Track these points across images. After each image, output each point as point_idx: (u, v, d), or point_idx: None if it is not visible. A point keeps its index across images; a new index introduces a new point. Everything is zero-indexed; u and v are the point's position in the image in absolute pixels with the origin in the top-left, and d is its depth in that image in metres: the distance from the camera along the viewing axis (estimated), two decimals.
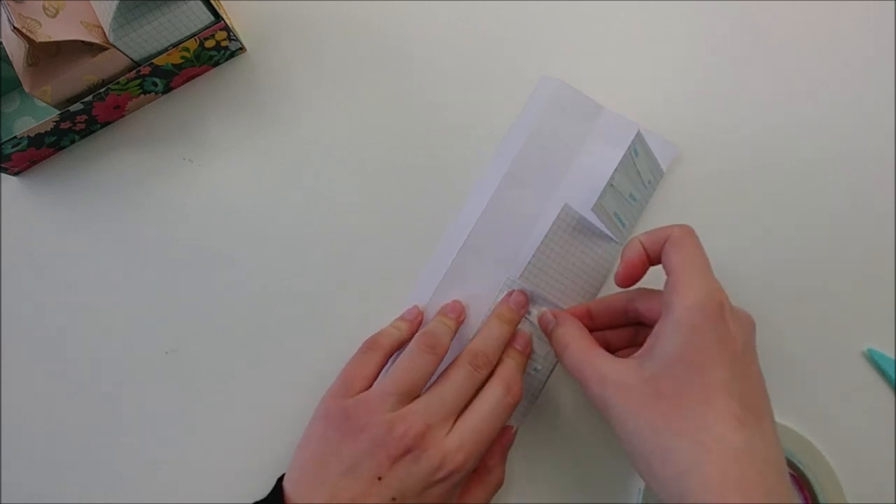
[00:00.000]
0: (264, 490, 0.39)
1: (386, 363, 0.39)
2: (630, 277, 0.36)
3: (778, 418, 0.40)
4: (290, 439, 0.41)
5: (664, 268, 0.35)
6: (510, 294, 0.41)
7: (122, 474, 0.42)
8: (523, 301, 0.41)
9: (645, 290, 0.38)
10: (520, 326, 0.41)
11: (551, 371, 0.41)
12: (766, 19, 0.46)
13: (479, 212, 0.43)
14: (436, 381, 0.37)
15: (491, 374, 0.38)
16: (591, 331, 0.38)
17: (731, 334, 0.31)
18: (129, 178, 0.45)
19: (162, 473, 0.42)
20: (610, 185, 0.39)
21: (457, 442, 0.35)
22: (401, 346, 0.40)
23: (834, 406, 0.41)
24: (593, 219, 0.41)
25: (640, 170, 0.42)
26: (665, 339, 0.32)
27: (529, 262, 0.40)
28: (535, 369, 0.41)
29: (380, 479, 0.34)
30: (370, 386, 0.37)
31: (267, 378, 0.42)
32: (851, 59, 0.46)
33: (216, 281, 0.44)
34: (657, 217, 0.44)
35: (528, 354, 0.40)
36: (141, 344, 0.43)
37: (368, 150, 0.45)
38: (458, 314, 0.41)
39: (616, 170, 0.39)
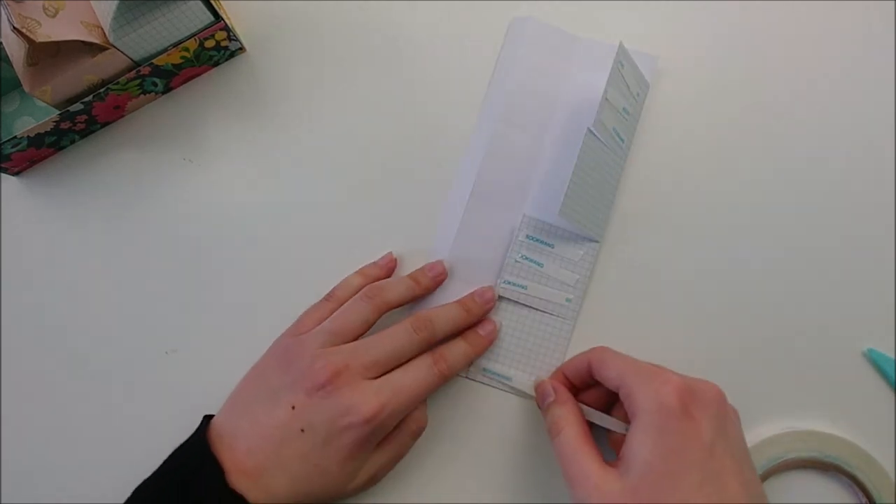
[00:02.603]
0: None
1: (375, 321, 0.39)
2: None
3: (778, 419, 0.41)
4: None
5: (608, 385, 0.36)
6: (479, 289, 0.41)
7: (122, 474, 0.42)
8: (490, 297, 0.41)
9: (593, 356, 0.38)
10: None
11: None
12: None
13: (480, 159, 0.43)
14: (373, 334, 0.38)
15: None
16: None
17: (697, 428, 0.32)
18: (129, 178, 0.45)
19: None
20: (605, 98, 0.40)
21: (372, 390, 0.35)
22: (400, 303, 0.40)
23: (833, 406, 0.41)
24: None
25: (627, 82, 0.42)
26: (636, 447, 0.32)
27: (566, 195, 0.39)
28: (568, 299, 0.42)
29: (293, 408, 0.36)
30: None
31: None
32: (850, 58, 0.46)
33: (216, 281, 0.44)
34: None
35: (481, 350, 0.40)
36: (141, 344, 0.43)
37: (369, 147, 0.45)
38: (435, 273, 0.41)
39: (607, 83, 0.40)
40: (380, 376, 0.36)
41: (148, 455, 0.42)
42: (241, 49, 0.47)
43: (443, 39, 0.47)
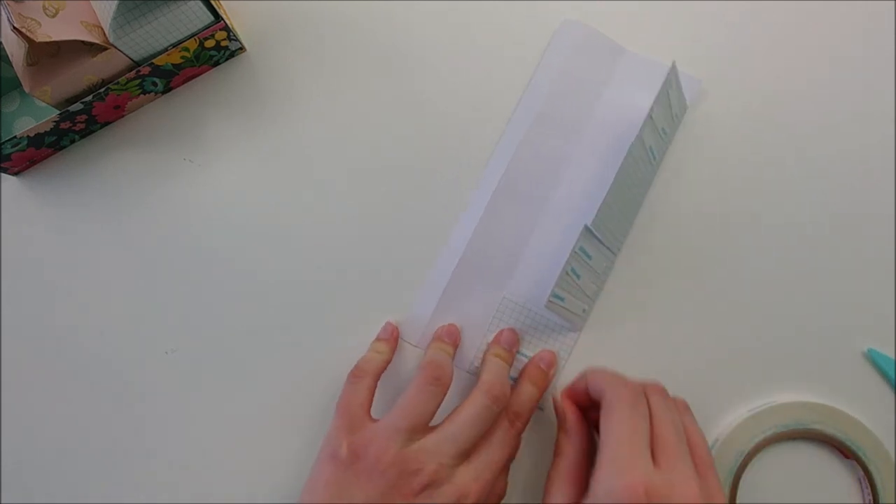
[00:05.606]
0: (264, 490, 0.39)
1: (376, 387, 0.39)
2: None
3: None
4: (288, 438, 0.41)
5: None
6: (501, 333, 0.41)
7: (123, 474, 0.42)
8: (514, 339, 0.41)
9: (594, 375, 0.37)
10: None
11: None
12: None
13: (508, 159, 0.43)
14: (450, 416, 0.37)
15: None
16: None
17: None
18: (129, 179, 0.45)
19: (162, 473, 0.42)
20: (650, 117, 0.39)
21: (472, 474, 0.35)
22: (386, 366, 0.40)
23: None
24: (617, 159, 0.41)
25: (671, 102, 0.42)
26: None
27: (600, 210, 0.39)
28: (584, 310, 0.42)
29: None
30: (368, 412, 0.38)
31: (267, 377, 0.42)
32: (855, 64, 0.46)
33: (216, 281, 0.44)
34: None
35: (547, 386, 0.40)
36: (141, 344, 0.43)
37: (370, 146, 0.45)
38: (453, 338, 0.41)
39: (654, 102, 0.39)
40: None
41: (148, 455, 0.42)
42: (241, 49, 0.47)
43: (440, 37, 0.47)
